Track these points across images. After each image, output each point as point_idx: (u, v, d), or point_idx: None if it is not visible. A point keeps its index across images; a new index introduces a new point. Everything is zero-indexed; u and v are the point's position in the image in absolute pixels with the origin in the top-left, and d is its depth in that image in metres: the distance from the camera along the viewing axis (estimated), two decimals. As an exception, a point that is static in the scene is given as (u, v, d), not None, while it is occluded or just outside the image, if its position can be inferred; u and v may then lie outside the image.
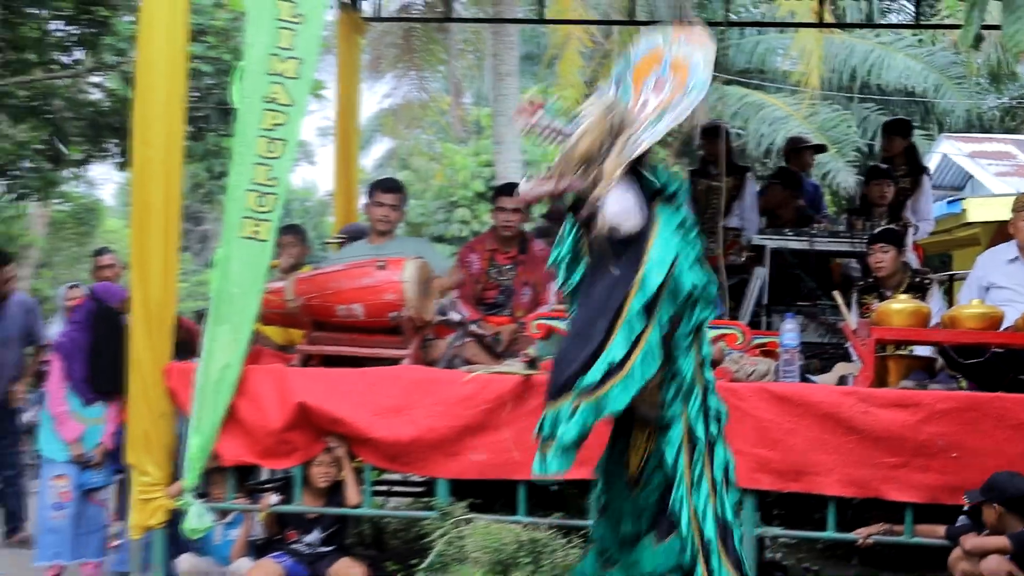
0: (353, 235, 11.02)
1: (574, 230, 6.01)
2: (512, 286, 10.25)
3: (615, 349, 5.63)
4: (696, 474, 5.93)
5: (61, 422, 9.73)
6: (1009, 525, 7.45)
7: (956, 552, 7.62)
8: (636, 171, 5.75)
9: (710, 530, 5.90)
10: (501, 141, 21.83)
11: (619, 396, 5.65)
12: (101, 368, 9.73)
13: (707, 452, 6.01)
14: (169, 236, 8.85)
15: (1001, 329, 8.37)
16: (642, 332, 5.62)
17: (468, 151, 26.64)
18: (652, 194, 5.80)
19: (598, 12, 20.23)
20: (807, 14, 18.97)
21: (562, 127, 5.84)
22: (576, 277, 6.08)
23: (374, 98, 29.48)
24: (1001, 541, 7.36)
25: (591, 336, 5.71)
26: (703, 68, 5.90)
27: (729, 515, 5.96)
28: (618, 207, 5.65)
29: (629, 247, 5.71)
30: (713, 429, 6.01)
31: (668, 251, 5.67)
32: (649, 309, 5.65)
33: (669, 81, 5.91)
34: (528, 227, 11.35)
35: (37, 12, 13.43)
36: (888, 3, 19.58)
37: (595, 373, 5.65)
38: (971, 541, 7.51)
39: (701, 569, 5.80)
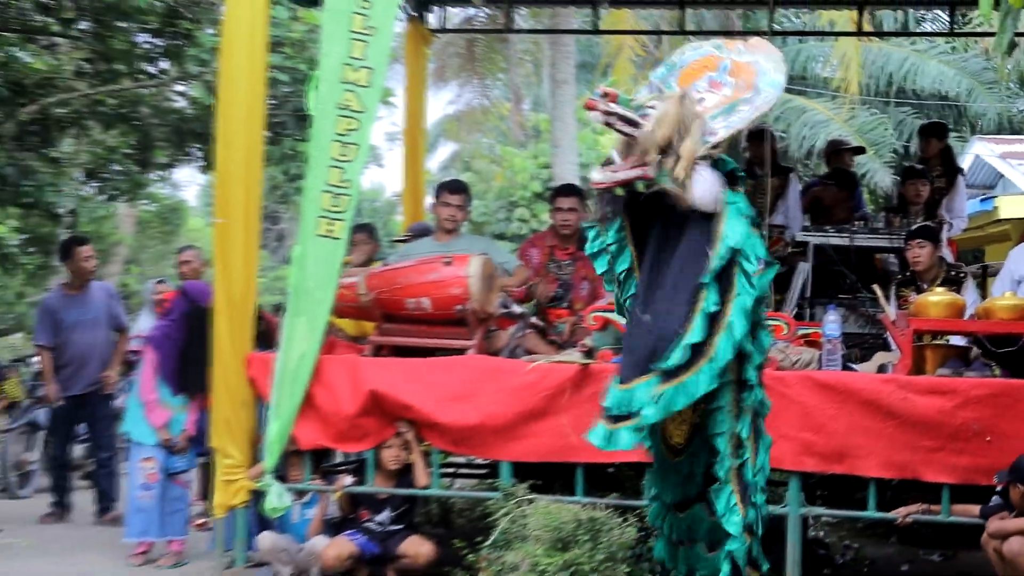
0: (420, 233, 11.05)
1: (620, 221, 6.04)
2: (571, 280, 10.23)
3: (695, 333, 5.63)
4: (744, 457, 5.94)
5: (151, 409, 9.78)
6: None
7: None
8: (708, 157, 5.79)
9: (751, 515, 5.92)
10: (558, 144, 21.83)
11: (705, 380, 5.69)
12: (191, 363, 9.77)
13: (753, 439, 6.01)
14: (249, 234, 8.89)
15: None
16: (720, 314, 5.63)
17: (527, 154, 26.65)
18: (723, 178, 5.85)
19: (649, 23, 20.19)
20: (846, 23, 18.88)
21: (634, 116, 5.80)
22: (624, 264, 6.07)
23: (439, 104, 29.47)
24: (1021, 523, 7.33)
25: (667, 319, 5.71)
26: (773, 70, 6.00)
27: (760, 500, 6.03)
28: (704, 187, 5.69)
29: (701, 228, 5.74)
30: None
31: (738, 233, 5.68)
32: (725, 291, 5.67)
33: (728, 84, 5.98)
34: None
35: (125, 25, 13.46)
36: (923, 12, 19.43)
37: (677, 356, 5.65)
38: (993, 524, 7.46)
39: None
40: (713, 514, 5.93)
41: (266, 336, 9.43)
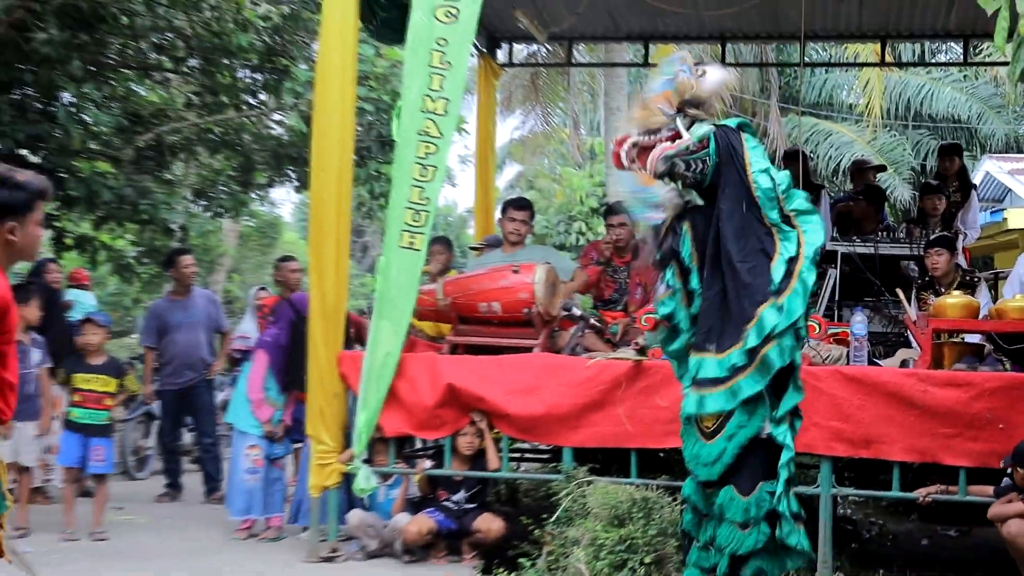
0: (492, 244, 11.07)
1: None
2: (627, 286, 10.24)
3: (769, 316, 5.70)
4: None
5: (258, 406, 9.87)
6: None
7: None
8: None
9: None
10: (611, 166, 21.79)
11: (776, 358, 5.70)
12: (295, 365, 9.86)
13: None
14: (340, 246, 8.95)
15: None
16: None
17: (584, 174, 26.61)
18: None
19: (692, 57, 20.14)
20: (870, 55, 18.75)
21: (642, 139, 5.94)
22: (686, 249, 6.09)
23: (506, 130, 29.48)
24: (1017, 507, 7.33)
25: (750, 285, 5.76)
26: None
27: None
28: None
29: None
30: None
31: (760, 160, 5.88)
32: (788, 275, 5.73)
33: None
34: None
35: (229, 63, 13.57)
36: (938, 44, 19.36)
37: (753, 339, 5.70)
38: (993, 508, 7.50)
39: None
40: (743, 493, 5.90)
41: (355, 337, 9.51)
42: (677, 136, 5.85)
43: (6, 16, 9.62)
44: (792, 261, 5.73)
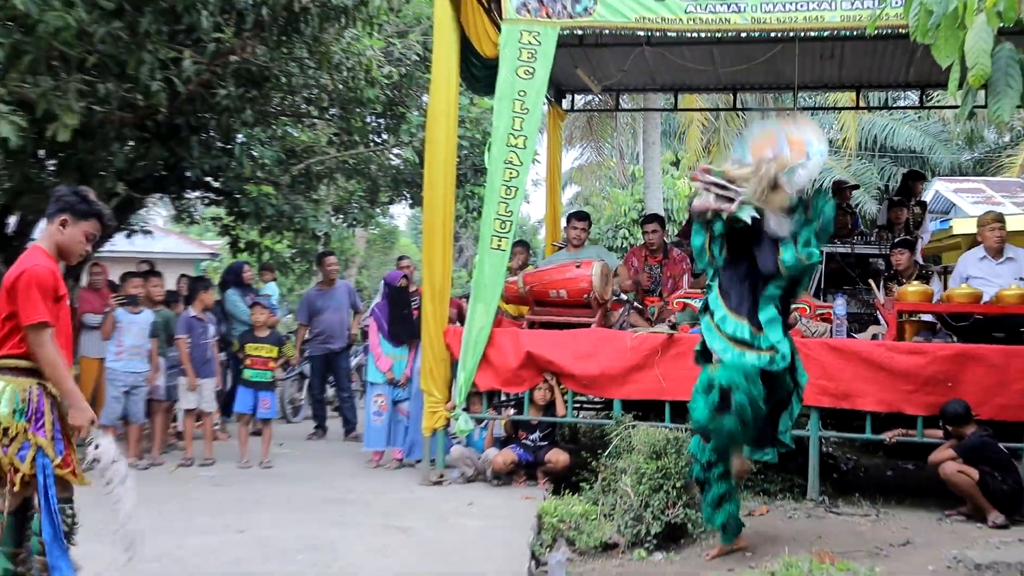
0: (560, 246, 11.07)
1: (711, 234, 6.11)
2: (660, 278, 10.21)
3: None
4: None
5: (378, 357, 9.91)
6: (959, 436, 7.55)
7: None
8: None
9: None
10: (648, 186, 21.73)
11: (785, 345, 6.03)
12: (395, 323, 9.95)
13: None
14: (446, 247, 9.00)
15: (980, 303, 8.20)
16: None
17: (627, 193, 26.44)
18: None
19: (710, 103, 20.01)
20: (847, 101, 18.53)
21: (723, 181, 5.88)
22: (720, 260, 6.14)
23: (568, 160, 29.50)
24: (948, 453, 7.54)
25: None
26: (817, 142, 5.89)
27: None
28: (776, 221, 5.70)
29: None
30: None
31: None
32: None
33: (787, 152, 5.87)
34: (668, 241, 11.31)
35: (361, 110, 13.66)
36: (899, 93, 19.17)
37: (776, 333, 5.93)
38: (931, 456, 7.74)
39: None
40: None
41: (457, 316, 9.55)
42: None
43: (196, 77, 9.72)
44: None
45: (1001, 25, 4.07)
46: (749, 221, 5.74)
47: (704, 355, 6.49)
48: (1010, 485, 7.36)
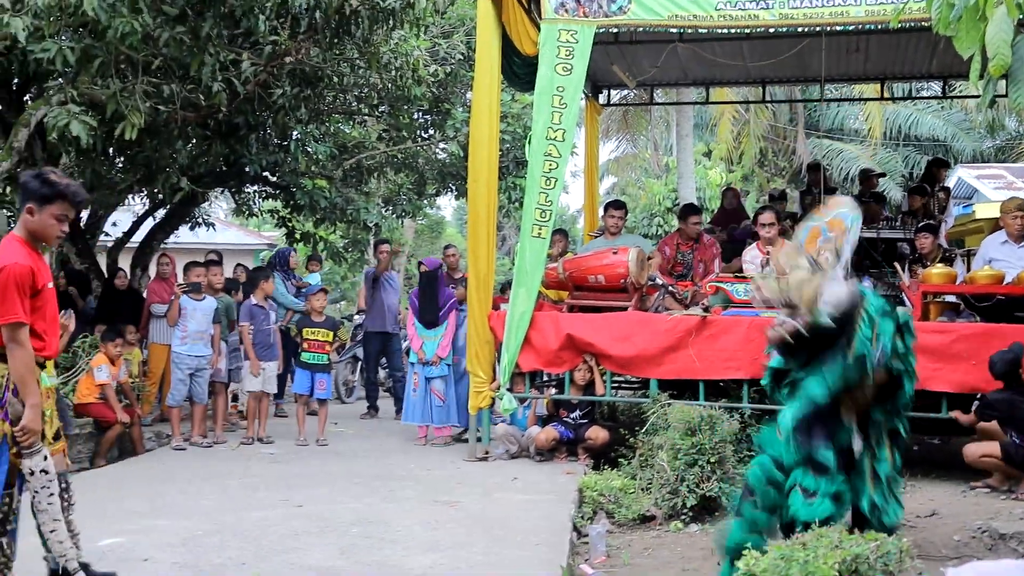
0: (597, 234, 11.02)
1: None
2: (692, 263, 10.14)
3: None
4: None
5: (411, 339, 9.97)
6: None
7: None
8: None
9: None
10: (682, 176, 21.64)
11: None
12: (423, 306, 9.98)
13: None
14: (489, 236, 9.00)
15: (1002, 284, 8.09)
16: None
17: (661, 183, 26.33)
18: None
19: (740, 96, 19.89)
20: (871, 92, 18.31)
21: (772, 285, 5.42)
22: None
23: (605, 151, 29.35)
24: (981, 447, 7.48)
25: None
26: (851, 210, 5.52)
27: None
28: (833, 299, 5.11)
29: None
30: None
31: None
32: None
33: (831, 237, 5.47)
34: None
35: (408, 108, 13.70)
36: (923, 83, 18.92)
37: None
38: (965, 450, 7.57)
39: None
40: None
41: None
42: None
43: (254, 78, 9.77)
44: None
45: (1021, 16, 4.00)
46: (831, 322, 5.11)
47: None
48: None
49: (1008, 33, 4.05)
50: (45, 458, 4.60)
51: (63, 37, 8.36)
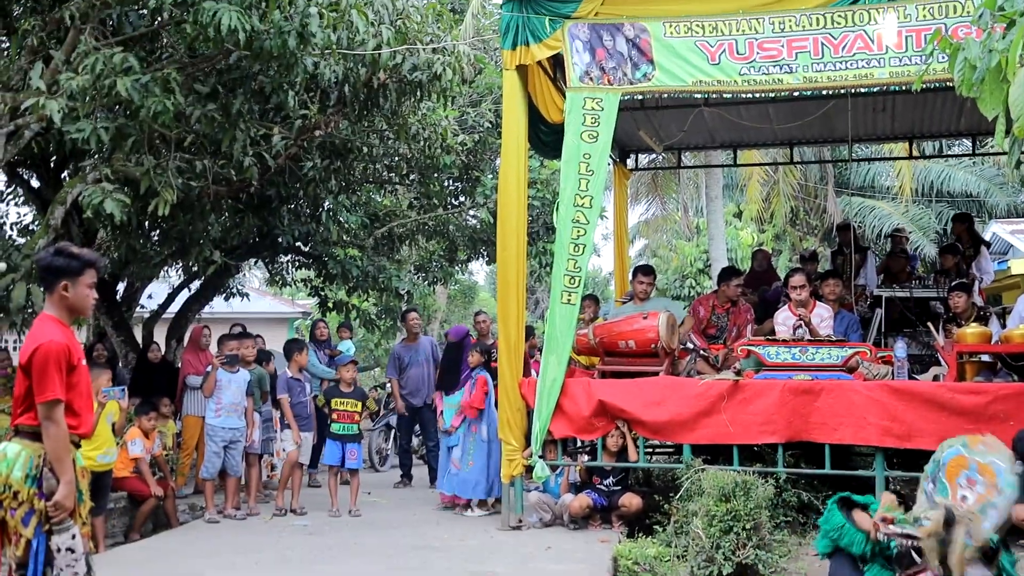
0: (625, 300, 10.99)
1: None
2: (727, 326, 10.08)
3: None
4: None
5: (439, 409, 10.01)
6: None
7: None
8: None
9: None
10: (712, 238, 21.60)
11: None
12: (444, 374, 10.03)
13: None
14: (519, 303, 8.97)
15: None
16: None
17: (692, 245, 26.40)
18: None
19: (768, 157, 19.89)
20: (901, 150, 18.31)
21: (911, 531, 5.24)
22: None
23: (635, 215, 29.48)
24: None
25: None
26: (1008, 471, 5.37)
27: None
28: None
29: None
30: None
31: None
32: None
33: (980, 482, 5.41)
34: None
35: (438, 176, 13.83)
36: (952, 140, 18.81)
37: None
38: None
39: None
40: None
41: (527, 367, 9.50)
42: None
43: (284, 151, 9.92)
44: None
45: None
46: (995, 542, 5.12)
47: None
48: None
49: (1031, 94, 4.04)
50: (74, 537, 4.60)
51: (98, 117, 8.52)
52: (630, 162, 13.99)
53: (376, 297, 16.78)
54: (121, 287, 14.39)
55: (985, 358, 8.40)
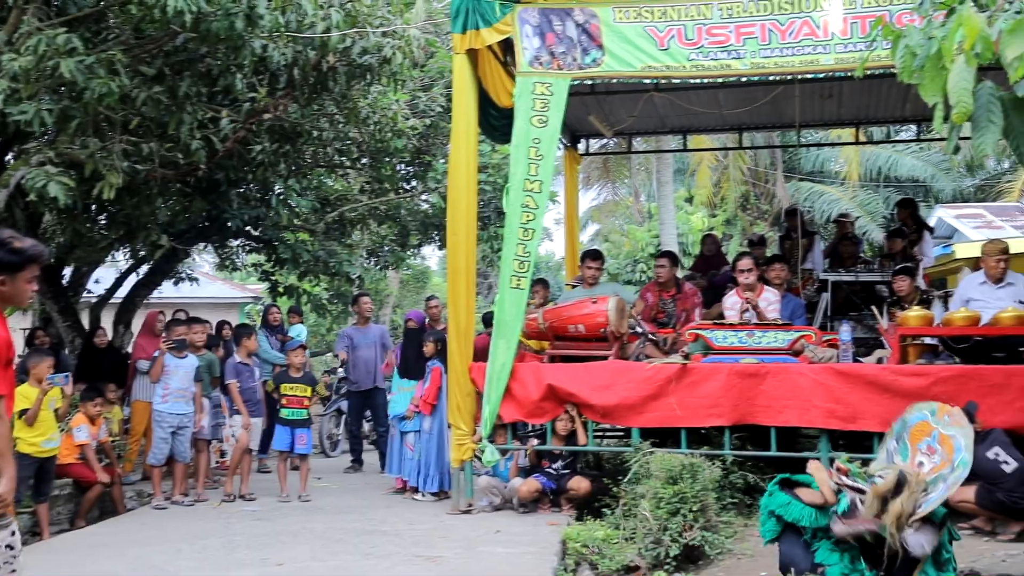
0: (574, 284, 11.02)
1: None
2: (674, 311, 10.14)
3: None
4: None
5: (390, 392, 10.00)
6: None
7: None
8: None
9: None
10: (663, 222, 21.72)
11: None
12: (404, 359, 10.10)
13: None
14: (469, 288, 8.97)
15: (979, 326, 8.09)
16: None
17: (643, 230, 26.51)
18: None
19: (718, 142, 20.02)
20: (848, 136, 18.50)
21: (862, 486, 5.36)
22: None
23: (586, 199, 29.52)
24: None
25: None
26: (965, 448, 5.41)
27: None
28: (915, 542, 5.20)
29: None
30: None
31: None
32: None
33: (939, 452, 5.51)
34: (681, 275, 11.30)
35: (390, 160, 13.73)
36: (899, 126, 18.99)
37: None
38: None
39: None
40: None
41: (481, 352, 9.49)
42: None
43: (233, 135, 9.81)
44: None
45: (987, 62, 4.03)
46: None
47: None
48: (1009, 497, 7.17)
49: (969, 82, 4.09)
50: (13, 533, 4.52)
51: (41, 99, 8.37)
52: (581, 147, 13.98)
53: (327, 282, 16.69)
54: (67, 272, 14.19)
55: (928, 341, 8.53)
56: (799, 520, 5.57)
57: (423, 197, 15.69)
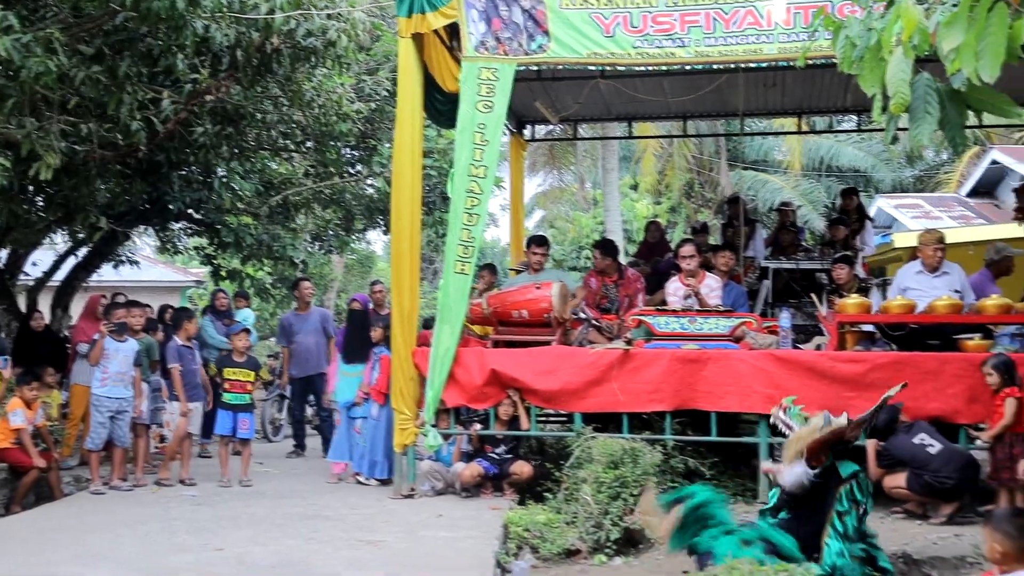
0: (519, 269, 11.03)
1: None
2: (617, 297, 10.19)
3: None
4: None
5: (330, 376, 9.94)
6: None
7: None
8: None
9: None
10: (608, 209, 21.82)
11: None
12: (348, 343, 10.04)
13: None
14: (413, 273, 8.97)
15: (915, 314, 8.22)
16: None
17: (589, 216, 26.63)
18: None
19: (663, 130, 20.10)
20: (792, 125, 18.68)
21: (792, 424, 6.10)
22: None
23: (532, 186, 29.55)
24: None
25: None
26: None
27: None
28: (791, 478, 5.85)
29: None
30: None
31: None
32: None
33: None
34: (624, 261, 11.34)
35: (334, 144, 13.61)
36: (841, 116, 19.19)
37: None
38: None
39: None
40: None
41: (423, 338, 9.48)
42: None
43: (174, 116, 9.67)
44: None
45: (924, 54, 4.09)
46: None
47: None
48: (935, 478, 7.32)
49: (906, 73, 4.15)
50: None
51: (-24, 77, 8.20)
52: (527, 133, 13.99)
53: (271, 266, 16.55)
54: (3, 254, 13.93)
55: (865, 328, 8.67)
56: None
57: (368, 181, 15.58)
